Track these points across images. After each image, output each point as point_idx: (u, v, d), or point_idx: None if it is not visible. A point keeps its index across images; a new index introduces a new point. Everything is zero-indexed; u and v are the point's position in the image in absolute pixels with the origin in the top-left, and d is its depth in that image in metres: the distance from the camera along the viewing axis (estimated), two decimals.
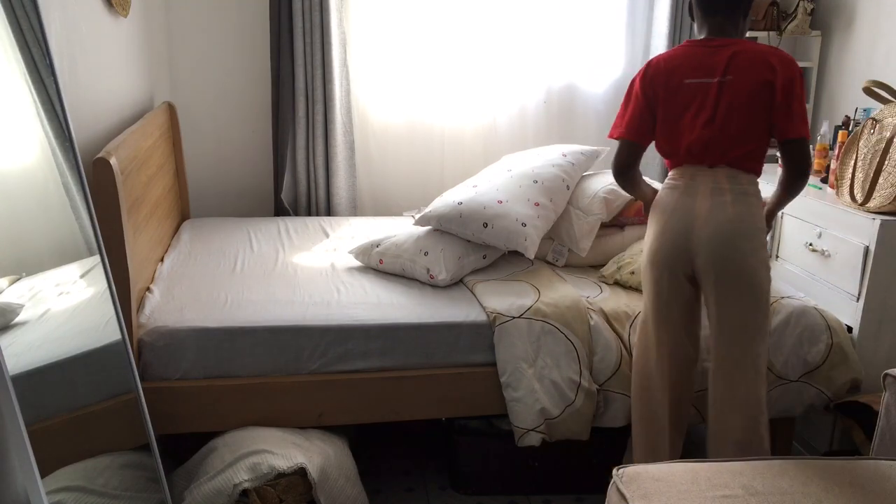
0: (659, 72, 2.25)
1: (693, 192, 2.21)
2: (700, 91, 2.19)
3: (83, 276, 1.98)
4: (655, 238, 2.28)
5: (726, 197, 2.18)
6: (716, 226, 2.16)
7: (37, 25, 1.71)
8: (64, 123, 1.80)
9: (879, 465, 1.85)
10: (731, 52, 2.17)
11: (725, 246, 2.16)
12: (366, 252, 2.82)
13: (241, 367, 2.32)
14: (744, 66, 2.15)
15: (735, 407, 2.21)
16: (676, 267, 2.25)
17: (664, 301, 2.29)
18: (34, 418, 1.56)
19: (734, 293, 2.18)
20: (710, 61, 2.19)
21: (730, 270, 2.16)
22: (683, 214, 2.21)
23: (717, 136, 2.18)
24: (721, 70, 2.17)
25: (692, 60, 2.21)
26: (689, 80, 2.21)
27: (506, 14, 3.68)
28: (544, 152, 3.13)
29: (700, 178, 2.21)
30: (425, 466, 2.78)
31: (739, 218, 2.16)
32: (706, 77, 2.19)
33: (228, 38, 3.58)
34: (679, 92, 2.22)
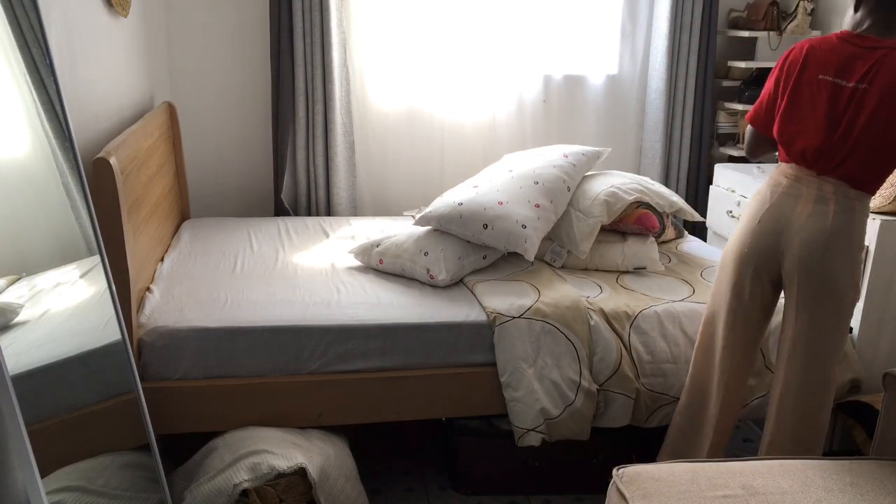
0: (797, 60, 2.09)
1: (796, 194, 2.09)
2: (831, 92, 2.02)
3: (83, 276, 1.98)
4: (746, 233, 2.18)
5: (829, 206, 2.04)
6: (811, 232, 2.05)
7: (37, 25, 1.71)
8: (64, 123, 1.80)
9: (879, 465, 1.85)
10: (879, 56, 1.97)
11: (816, 253, 2.04)
12: (366, 252, 2.82)
13: (241, 367, 2.32)
14: (886, 75, 1.95)
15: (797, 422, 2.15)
16: (762, 267, 2.16)
17: (743, 302, 2.21)
18: (34, 418, 1.56)
19: (819, 307, 2.08)
20: (854, 62, 2.00)
21: (816, 279, 2.06)
22: (780, 214, 2.11)
23: (835, 146, 2.02)
24: (860, 75, 1.99)
25: (836, 56, 2.03)
26: (824, 76, 2.04)
27: (505, 13, 3.68)
28: (545, 152, 3.13)
29: (805, 182, 2.09)
30: (425, 466, 2.78)
31: (837, 230, 2.03)
32: (843, 79, 2.01)
33: (228, 38, 3.58)
34: (809, 86, 2.06)
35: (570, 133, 3.88)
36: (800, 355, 2.12)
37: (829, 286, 2.06)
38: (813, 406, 2.14)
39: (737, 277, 2.21)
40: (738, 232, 2.23)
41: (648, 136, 3.89)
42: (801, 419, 2.15)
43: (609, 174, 3.12)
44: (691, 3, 3.69)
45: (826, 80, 2.03)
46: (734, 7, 3.90)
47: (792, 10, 3.67)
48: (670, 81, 3.78)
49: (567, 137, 3.86)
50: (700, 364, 2.37)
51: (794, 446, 2.16)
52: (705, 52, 3.75)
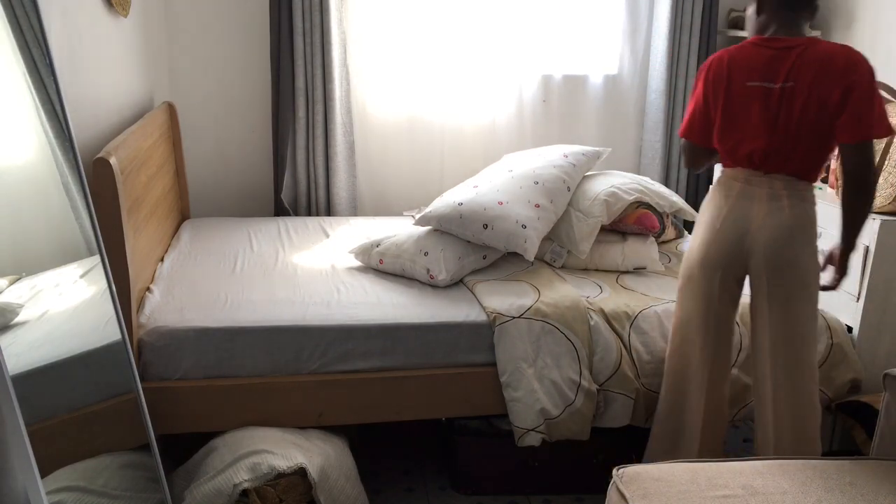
0: (721, 72, 2.17)
1: (749, 196, 2.16)
2: (762, 96, 2.10)
3: (83, 276, 1.98)
4: (707, 241, 2.23)
5: (783, 202, 2.13)
6: (772, 229, 2.13)
7: (37, 25, 1.71)
8: (64, 123, 1.80)
9: (879, 465, 1.85)
10: (796, 54, 2.07)
11: (781, 248, 2.12)
12: (366, 252, 2.82)
13: (241, 367, 2.32)
14: (807, 70, 2.05)
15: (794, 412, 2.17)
16: (728, 270, 2.22)
17: (714, 304, 2.25)
18: (34, 418, 1.56)
19: (791, 297, 2.14)
20: (774, 65, 2.09)
21: (784, 272, 2.13)
22: (739, 218, 2.17)
23: (778, 145, 2.10)
24: (784, 75, 2.07)
25: (755, 62, 2.12)
26: (751, 83, 2.12)
27: (505, 12, 3.68)
28: (545, 152, 3.13)
29: (756, 183, 2.16)
30: (425, 466, 2.78)
31: (796, 220, 2.12)
32: (768, 81, 2.09)
33: (228, 38, 3.58)
34: (740, 96, 2.13)
35: (570, 133, 3.88)
36: (782, 348, 2.16)
37: (797, 276, 2.13)
38: (807, 394, 2.18)
39: (706, 284, 2.25)
40: (698, 241, 2.27)
41: (648, 136, 3.89)
42: (799, 410, 2.17)
43: (609, 174, 3.12)
44: (691, 3, 3.68)
45: (754, 85, 2.11)
46: (734, 7, 3.90)
47: None
48: (670, 81, 3.78)
49: (567, 138, 3.86)
50: (675, 371, 2.38)
51: (797, 440, 2.18)
52: (705, 52, 3.75)
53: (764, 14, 2.16)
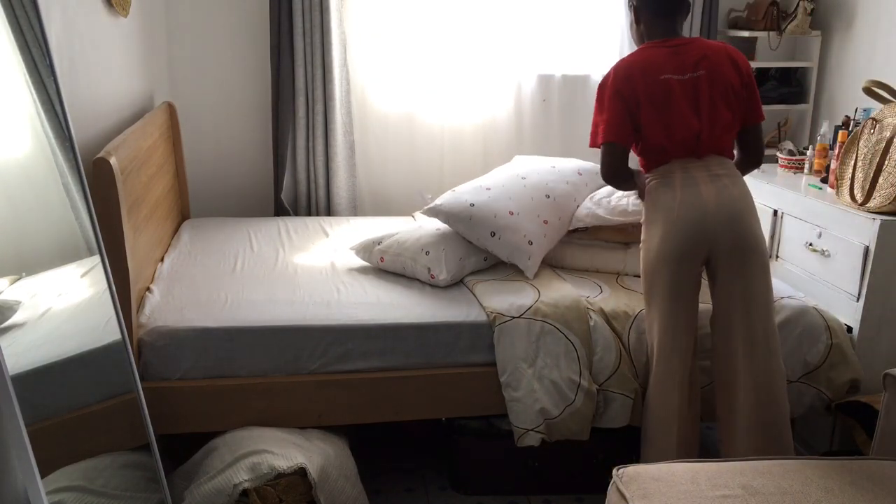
0: (633, 72, 2.29)
1: (693, 181, 2.28)
2: (678, 86, 2.27)
3: (83, 276, 1.98)
4: (667, 235, 2.29)
5: (725, 181, 2.28)
6: (728, 208, 2.25)
7: (37, 25, 1.71)
8: (64, 123, 1.80)
9: (879, 465, 1.85)
10: (692, 48, 2.29)
11: (740, 222, 2.26)
12: (367, 249, 2.82)
13: (241, 367, 2.32)
14: (710, 60, 2.27)
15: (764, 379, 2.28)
16: (692, 256, 2.29)
17: (682, 295, 2.32)
18: (34, 418, 1.56)
19: (754, 268, 2.27)
20: (675, 59, 2.28)
21: (744, 245, 2.26)
22: (692, 204, 2.26)
23: (706, 128, 2.27)
24: (691, 66, 2.27)
25: (660, 59, 2.28)
26: (665, 75, 2.27)
27: (505, 12, 3.68)
28: (560, 166, 3.10)
29: (693, 169, 2.29)
30: (425, 466, 2.78)
31: (742, 195, 2.29)
32: (678, 74, 2.27)
33: (228, 38, 3.58)
34: (659, 87, 2.27)
35: (570, 133, 3.87)
36: (754, 316, 2.27)
37: (754, 247, 2.28)
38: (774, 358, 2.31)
39: (671, 275, 2.30)
40: (656, 239, 2.31)
41: None
42: (769, 375, 2.29)
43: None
44: (691, 3, 3.68)
45: (668, 77, 2.27)
46: (734, 7, 3.90)
47: (792, 10, 3.67)
48: None
49: (567, 137, 3.86)
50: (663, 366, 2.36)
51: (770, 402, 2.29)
52: None
53: (643, 23, 2.35)
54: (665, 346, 2.35)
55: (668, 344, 2.34)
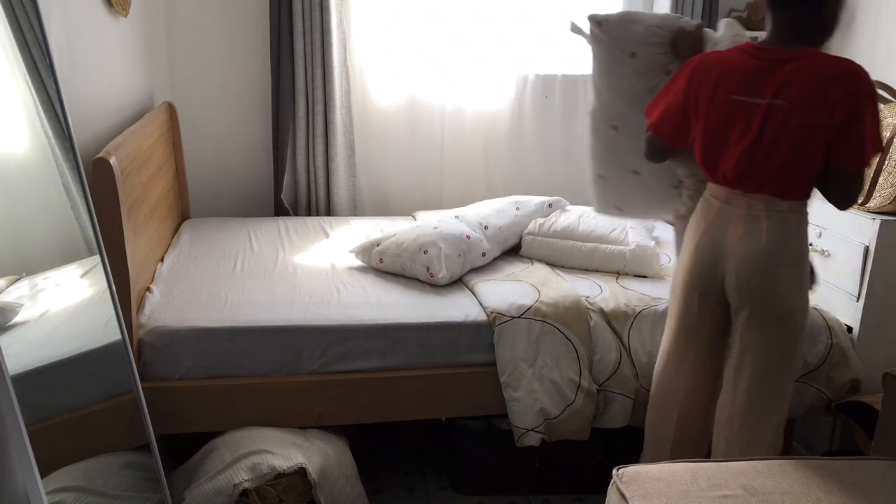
0: (707, 78, 2.01)
1: (726, 216, 2.03)
2: (746, 111, 1.95)
3: (83, 276, 1.98)
4: (688, 259, 2.14)
5: (761, 224, 1.97)
6: (745, 255, 1.99)
7: (37, 25, 1.71)
8: (64, 123, 1.80)
9: (879, 465, 1.85)
10: (788, 69, 1.89)
11: (754, 276, 1.98)
12: (366, 251, 2.82)
13: (241, 367, 2.32)
14: (799, 87, 1.87)
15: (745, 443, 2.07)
16: (707, 292, 2.11)
17: (690, 326, 2.17)
18: (34, 418, 1.56)
19: (759, 325, 2.01)
20: (763, 78, 1.92)
21: (760, 301, 2.00)
22: (715, 239, 2.06)
23: (758, 165, 1.94)
24: (772, 90, 1.90)
25: (743, 73, 1.96)
26: (736, 96, 1.96)
27: (505, 11, 3.68)
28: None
29: (735, 203, 2.02)
30: (425, 466, 2.78)
31: (773, 245, 1.96)
32: (754, 96, 1.93)
33: (228, 38, 3.58)
34: (723, 108, 1.99)
35: (570, 132, 3.87)
36: (743, 378, 2.05)
37: (772, 307, 2.00)
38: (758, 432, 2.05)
39: (684, 303, 2.17)
40: (682, 257, 2.19)
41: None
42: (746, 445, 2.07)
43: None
44: (691, 3, 3.68)
45: (738, 100, 1.96)
46: (734, 7, 3.90)
47: None
48: None
49: (567, 136, 3.86)
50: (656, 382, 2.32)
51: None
52: None
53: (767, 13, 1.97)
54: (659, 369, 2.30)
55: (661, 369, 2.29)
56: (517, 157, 3.84)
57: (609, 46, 2.32)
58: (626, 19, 2.31)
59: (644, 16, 2.33)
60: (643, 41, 2.27)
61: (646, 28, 2.28)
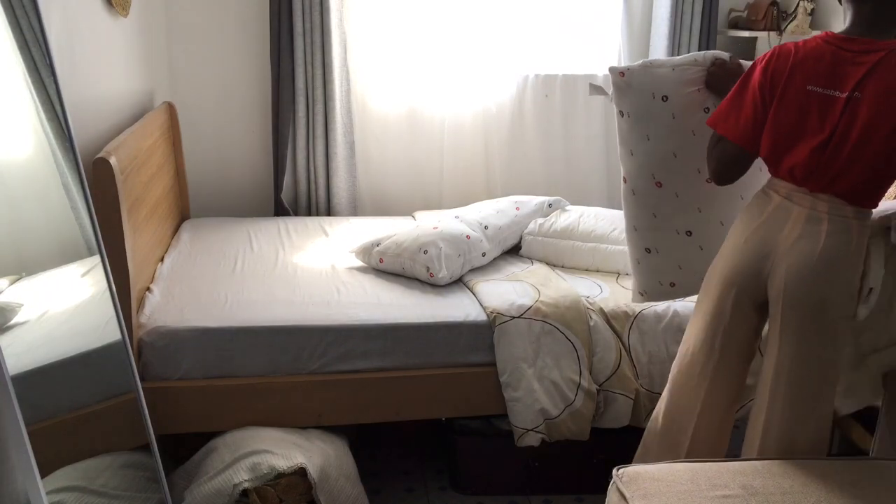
0: (782, 66, 1.86)
1: (786, 212, 1.89)
2: (822, 104, 1.81)
3: (83, 276, 1.99)
4: (732, 252, 1.99)
5: (822, 226, 1.84)
6: (799, 257, 1.84)
7: (37, 25, 1.71)
8: (64, 123, 1.80)
9: (879, 465, 1.85)
10: (874, 60, 1.75)
11: (805, 281, 1.84)
12: (366, 251, 2.82)
13: (241, 367, 2.32)
14: (881, 83, 1.74)
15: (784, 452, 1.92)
16: (744, 291, 1.96)
17: (724, 325, 2.00)
18: (34, 418, 1.56)
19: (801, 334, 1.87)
20: (844, 69, 1.79)
21: (803, 309, 1.86)
22: (767, 235, 1.91)
23: (827, 163, 1.81)
24: (854, 83, 1.77)
25: (823, 63, 1.82)
26: (813, 86, 1.82)
27: (505, 11, 3.68)
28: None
29: (797, 199, 1.88)
30: (425, 466, 2.78)
31: (829, 252, 1.83)
32: (833, 88, 1.79)
33: (228, 38, 3.58)
34: (797, 99, 1.84)
35: (570, 132, 3.87)
36: (782, 392, 1.91)
37: (817, 317, 1.86)
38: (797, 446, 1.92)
39: (718, 300, 2.01)
40: (724, 250, 2.04)
41: None
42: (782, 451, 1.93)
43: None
44: (691, 3, 3.68)
45: (815, 91, 1.82)
46: (734, 7, 3.90)
47: (792, 10, 3.67)
48: None
49: (567, 137, 3.86)
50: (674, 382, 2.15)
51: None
52: None
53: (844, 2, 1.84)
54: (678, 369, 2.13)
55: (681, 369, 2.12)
56: (517, 157, 3.84)
57: (636, 95, 2.18)
58: (648, 65, 2.19)
59: (666, 59, 2.22)
60: (674, 81, 2.14)
61: (673, 68, 2.15)
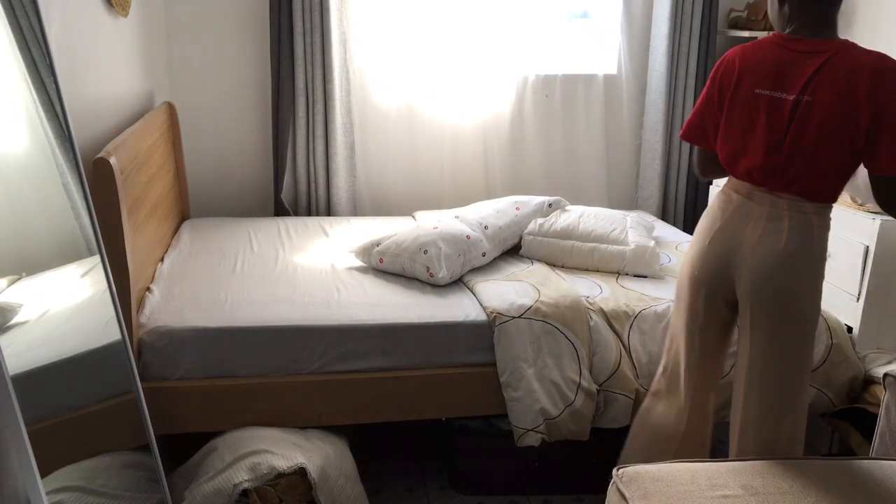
0: (730, 72, 1.94)
1: (747, 211, 1.95)
2: (770, 107, 1.87)
3: (83, 276, 1.98)
4: (697, 254, 2.06)
5: (784, 223, 1.89)
6: (764, 254, 1.90)
7: (37, 25, 1.71)
8: (64, 123, 1.80)
9: (879, 465, 1.85)
10: (819, 61, 1.80)
11: (771, 277, 1.90)
12: (366, 251, 2.82)
13: (241, 367, 2.32)
14: (829, 83, 1.78)
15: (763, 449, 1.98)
16: (715, 290, 2.04)
17: (699, 323, 2.09)
18: (34, 418, 1.56)
19: (771, 329, 1.93)
20: (791, 71, 1.83)
21: (772, 303, 1.92)
22: (731, 234, 1.97)
23: (782, 165, 1.86)
24: (801, 85, 1.81)
25: (771, 65, 1.87)
26: (761, 90, 1.88)
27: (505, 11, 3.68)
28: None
29: (757, 199, 1.93)
30: (425, 466, 2.78)
31: (792, 247, 1.88)
32: (781, 91, 1.85)
33: (228, 38, 3.58)
34: (746, 102, 1.90)
35: (570, 133, 3.88)
36: (756, 386, 1.96)
37: (785, 311, 1.92)
38: (775, 440, 1.97)
39: (690, 300, 2.09)
40: (689, 252, 2.11)
41: (648, 137, 3.88)
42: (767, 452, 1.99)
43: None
44: (691, 3, 3.68)
45: (763, 94, 1.87)
46: (734, 7, 3.90)
47: None
48: (670, 81, 3.78)
49: (567, 137, 3.87)
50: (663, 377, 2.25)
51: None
52: (705, 52, 3.75)
53: (787, 5, 1.88)
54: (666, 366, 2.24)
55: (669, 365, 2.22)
56: (517, 157, 3.84)
57: None
58: None
59: None
60: None
61: None
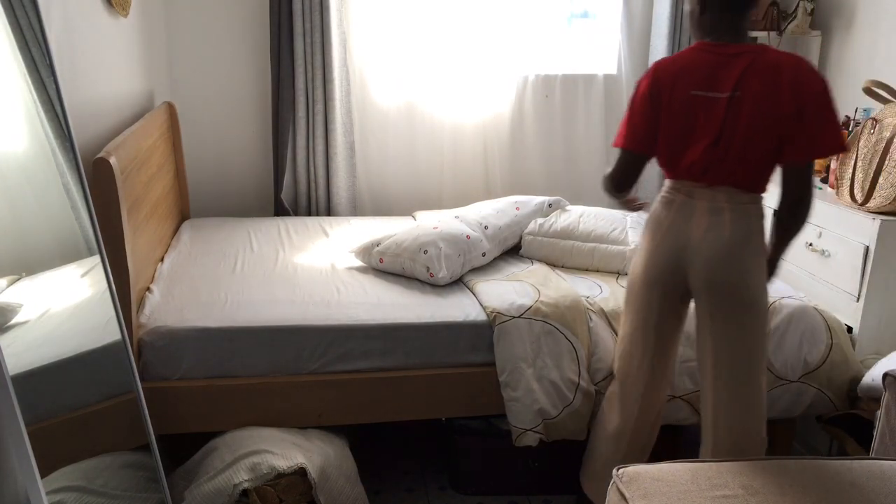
0: (666, 78, 2.07)
1: (689, 210, 2.07)
2: (706, 106, 2.01)
3: (83, 276, 1.98)
4: (648, 257, 2.16)
5: (724, 216, 2.03)
6: (710, 248, 2.03)
7: (37, 25, 1.71)
8: (64, 123, 1.80)
9: (879, 465, 1.85)
10: (745, 62, 1.97)
11: (721, 267, 2.02)
12: (366, 251, 2.82)
13: (241, 367, 2.32)
14: (756, 80, 1.95)
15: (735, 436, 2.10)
16: (669, 288, 2.14)
17: (653, 324, 2.19)
18: (34, 418, 1.56)
19: (730, 316, 2.05)
20: (721, 72, 1.99)
21: (727, 292, 2.04)
22: (678, 232, 2.08)
23: (720, 158, 2.01)
24: (732, 84, 1.97)
25: (702, 69, 2.02)
26: (696, 91, 2.02)
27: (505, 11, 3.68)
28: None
29: (698, 196, 2.06)
30: (425, 466, 2.78)
31: (737, 237, 2.02)
32: (714, 91, 1.99)
33: (228, 38, 3.58)
34: (684, 105, 2.03)
35: (570, 133, 3.87)
36: (725, 373, 2.08)
37: (739, 297, 2.04)
38: (749, 420, 2.10)
39: (645, 301, 2.19)
40: (639, 256, 2.20)
41: None
42: (740, 437, 2.10)
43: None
44: None
45: (699, 95, 2.01)
46: None
47: (792, 10, 3.67)
48: None
49: (567, 137, 3.86)
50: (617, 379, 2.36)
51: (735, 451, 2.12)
52: None
53: (709, 13, 2.04)
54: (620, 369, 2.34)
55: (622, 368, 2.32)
56: (517, 157, 3.84)
57: None
58: None
59: None
60: None
61: None
